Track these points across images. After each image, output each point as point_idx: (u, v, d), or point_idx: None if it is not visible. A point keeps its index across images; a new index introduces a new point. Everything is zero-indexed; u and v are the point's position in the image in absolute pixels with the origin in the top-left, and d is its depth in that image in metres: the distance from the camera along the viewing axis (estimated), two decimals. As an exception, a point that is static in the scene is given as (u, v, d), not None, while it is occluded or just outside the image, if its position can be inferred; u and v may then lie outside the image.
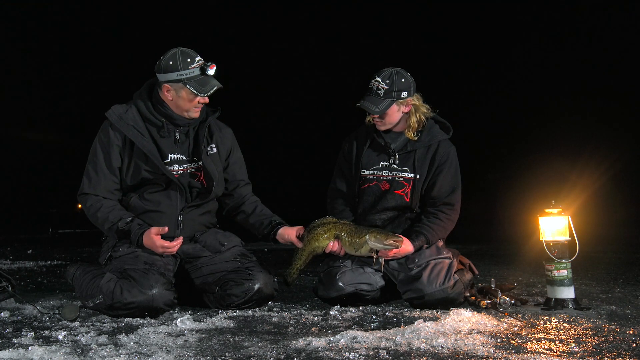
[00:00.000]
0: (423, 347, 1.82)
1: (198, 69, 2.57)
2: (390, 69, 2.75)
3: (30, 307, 2.66)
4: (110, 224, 2.60)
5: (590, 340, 1.92)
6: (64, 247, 8.57)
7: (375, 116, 2.77)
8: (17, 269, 4.93)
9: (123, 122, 2.62)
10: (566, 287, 2.57)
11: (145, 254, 2.57)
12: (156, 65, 2.63)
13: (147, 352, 1.80)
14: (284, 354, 1.76)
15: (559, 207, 2.69)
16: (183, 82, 2.56)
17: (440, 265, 2.62)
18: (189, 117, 2.66)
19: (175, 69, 2.56)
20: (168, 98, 2.63)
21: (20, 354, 1.79)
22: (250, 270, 2.65)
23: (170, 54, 2.59)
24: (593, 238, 6.44)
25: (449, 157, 2.81)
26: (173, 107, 2.64)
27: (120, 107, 2.67)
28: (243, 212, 2.89)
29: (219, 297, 2.64)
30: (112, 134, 2.64)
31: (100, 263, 2.69)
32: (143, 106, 2.66)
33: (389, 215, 2.82)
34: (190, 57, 2.58)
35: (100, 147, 2.66)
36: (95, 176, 2.65)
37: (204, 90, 2.57)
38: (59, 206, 20.77)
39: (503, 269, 4.32)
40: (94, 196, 2.65)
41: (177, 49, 2.60)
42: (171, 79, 2.57)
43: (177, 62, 2.56)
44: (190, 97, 2.59)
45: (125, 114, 2.64)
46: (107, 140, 2.65)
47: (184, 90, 2.58)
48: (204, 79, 2.58)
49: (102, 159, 2.65)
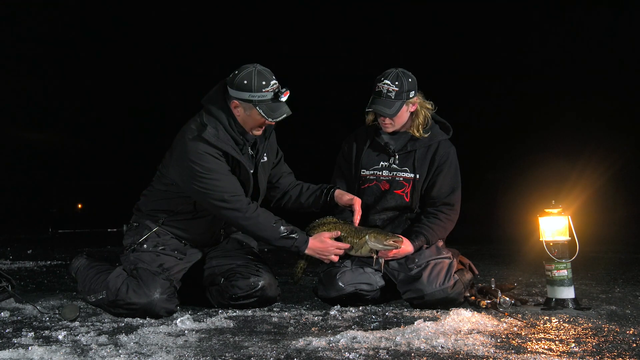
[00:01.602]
0: (423, 347, 1.82)
1: (272, 94, 2.51)
2: (394, 70, 2.75)
3: (30, 307, 2.66)
4: (278, 220, 2.58)
5: (590, 340, 1.92)
6: (64, 247, 8.58)
7: (384, 119, 2.76)
8: (17, 269, 4.94)
9: (221, 141, 2.53)
10: (566, 287, 2.57)
11: (167, 256, 2.59)
12: (229, 78, 2.56)
13: (147, 352, 1.81)
14: (284, 354, 1.76)
15: (559, 207, 2.69)
16: (254, 103, 2.50)
17: (440, 265, 2.62)
18: (252, 134, 2.62)
19: (249, 89, 2.49)
20: (235, 114, 2.56)
21: (20, 354, 1.79)
22: (259, 268, 2.68)
23: (246, 72, 2.51)
24: (593, 238, 6.44)
25: (448, 157, 2.81)
26: (240, 122, 2.59)
27: (211, 128, 2.53)
28: (290, 196, 2.90)
29: (223, 289, 2.66)
30: (214, 150, 2.52)
31: (124, 245, 2.70)
32: (227, 124, 2.56)
33: (389, 215, 2.82)
34: (266, 80, 2.50)
35: (211, 158, 2.51)
36: (228, 179, 2.54)
37: (273, 116, 2.51)
38: (59, 206, 20.80)
39: (503, 269, 4.32)
40: (247, 203, 2.56)
41: (254, 67, 2.53)
42: (243, 97, 2.51)
43: (252, 82, 2.49)
44: (258, 118, 2.54)
45: (219, 134, 2.54)
46: (213, 152, 2.51)
47: (253, 111, 2.52)
48: (275, 104, 2.52)
49: (221, 166, 2.54)
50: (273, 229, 2.55)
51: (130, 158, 21.63)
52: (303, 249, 2.58)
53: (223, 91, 2.60)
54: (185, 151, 2.52)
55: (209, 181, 2.50)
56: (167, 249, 2.62)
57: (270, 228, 2.55)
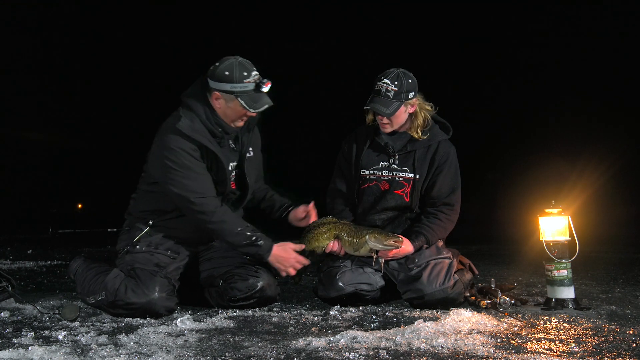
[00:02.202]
0: (423, 347, 1.82)
1: (253, 84, 2.51)
2: (395, 70, 2.75)
3: (30, 307, 2.66)
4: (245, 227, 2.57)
5: (590, 340, 1.92)
6: (64, 247, 8.57)
7: (382, 118, 2.76)
8: (17, 269, 4.93)
9: (197, 133, 2.53)
10: (566, 287, 2.57)
11: (161, 255, 2.59)
12: (210, 70, 2.56)
13: (147, 352, 1.81)
14: (284, 354, 1.76)
15: (559, 207, 2.69)
16: (236, 94, 2.51)
17: (440, 265, 2.62)
18: (234, 126, 2.63)
19: (230, 80, 2.49)
20: (216, 106, 2.57)
21: (20, 354, 1.79)
22: (257, 268, 2.68)
23: (227, 63, 2.52)
24: (593, 238, 6.43)
25: (448, 157, 2.81)
26: (221, 115, 2.59)
27: (186, 120, 2.53)
28: (254, 197, 2.92)
29: (222, 291, 2.65)
30: (188, 145, 2.52)
31: (117, 250, 2.70)
32: (204, 116, 2.56)
33: (389, 215, 2.82)
34: (247, 71, 2.51)
35: (184, 154, 2.52)
36: (198, 178, 2.54)
37: (255, 106, 2.52)
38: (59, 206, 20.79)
39: (503, 269, 4.32)
40: (214, 202, 2.56)
41: (235, 59, 2.54)
42: (224, 89, 2.51)
43: (234, 73, 2.49)
44: (239, 109, 2.55)
45: (194, 125, 2.54)
46: (186, 147, 2.52)
47: (235, 102, 2.53)
48: (257, 95, 2.53)
49: (194, 163, 2.53)
50: (237, 235, 2.55)
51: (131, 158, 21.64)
52: (266, 257, 2.59)
53: (202, 86, 2.60)
54: (160, 146, 2.54)
55: (179, 179, 2.51)
56: (160, 248, 2.62)
57: (235, 234, 2.55)
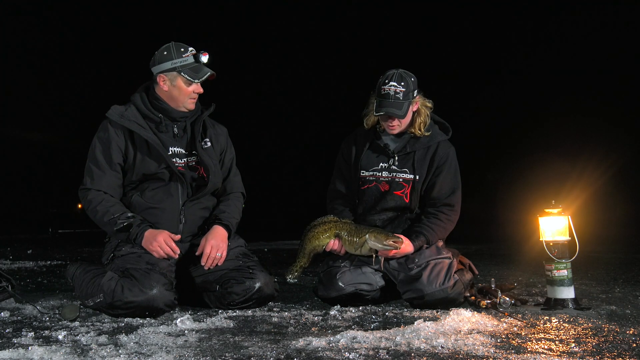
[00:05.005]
0: (423, 347, 1.82)
1: (191, 57, 2.68)
2: (396, 71, 2.74)
3: (30, 307, 2.66)
4: (111, 216, 2.60)
5: (590, 340, 1.92)
6: (64, 247, 8.57)
7: (392, 121, 2.75)
8: (17, 269, 4.93)
9: (124, 119, 2.68)
10: (566, 287, 2.57)
11: (149, 254, 2.58)
12: (151, 60, 2.72)
13: (147, 352, 1.81)
14: (284, 354, 1.76)
15: (559, 207, 2.69)
16: (177, 70, 2.65)
17: (440, 265, 2.62)
18: (185, 109, 2.73)
19: (169, 58, 2.67)
20: (164, 89, 2.70)
21: (20, 354, 1.79)
22: (252, 269, 2.66)
23: (164, 47, 2.70)
24: (593, 238, 6.44)
25: (448, 158, 2.81)
26: (168, 99, 2.71)
27: (119, 107, 2.73)
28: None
29: (220, 296, 2.64)
30: (113, 131, 2.68)
31: (103, 263, 2.69)
32: (141, 103, 2.72)
33: (389, 215, 2.82)
34: (184, 47, 2.69)
35: (100, 144, 2.69)
36: (97, 171, 2.67)
37: (197, 76, 2.67)
38: (59, 206, 20.78)
39: (503, 269, 4.32)
40: (96, 191, 2.66)
41: (170, 42, 2.71)
42: (166, 68, 2.67)
43: (172, 52, 2.67)
44: (185, 87, 2.67)
45: (126, 112, 2.70)
46: (106, 137, 2.68)
47: (179, 79, 2.67)
48: (197, 66, 2.68)
49: (102, 156, 2.68)
50: (108, 224, 2.60)
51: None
52: (139, 241, 2.59)
53: (146, 86, 2.79)
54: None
55: (88, 162, 2.71)
56: (139, 247, 2.60)
57: (106, 224, 2.61)
